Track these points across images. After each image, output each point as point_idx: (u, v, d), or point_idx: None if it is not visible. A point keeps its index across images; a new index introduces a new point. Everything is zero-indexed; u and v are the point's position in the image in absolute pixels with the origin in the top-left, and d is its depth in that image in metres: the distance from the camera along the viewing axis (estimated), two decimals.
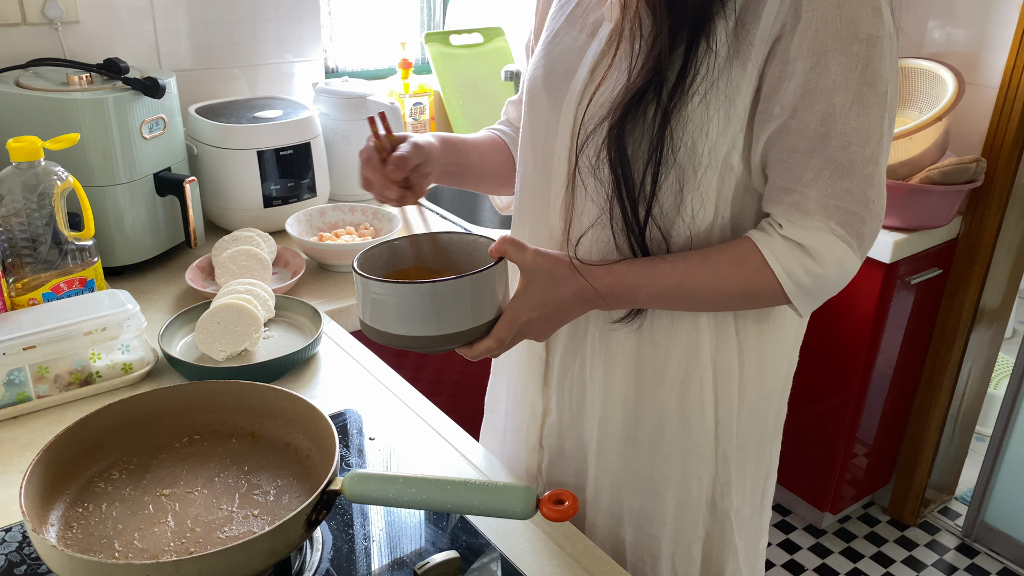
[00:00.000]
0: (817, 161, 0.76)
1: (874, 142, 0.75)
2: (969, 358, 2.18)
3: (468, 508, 0.73)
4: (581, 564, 0.82)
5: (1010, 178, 1.97)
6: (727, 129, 0.78)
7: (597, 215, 0.84)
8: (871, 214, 0.78)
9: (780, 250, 0.78)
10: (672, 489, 0.93)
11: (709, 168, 0.80)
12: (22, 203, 1.10)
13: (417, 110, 1.95)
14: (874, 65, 0.74)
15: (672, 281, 0.81)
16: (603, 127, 0.80)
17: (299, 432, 0.86)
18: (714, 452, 0.92)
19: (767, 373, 0.91)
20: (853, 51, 0.73)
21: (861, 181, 0.76)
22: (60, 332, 1.02)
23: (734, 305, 0.84)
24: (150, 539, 0.75)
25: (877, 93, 0.74)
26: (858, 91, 0.74)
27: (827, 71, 0.73)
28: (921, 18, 2.11)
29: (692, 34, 0.76)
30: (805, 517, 2.32)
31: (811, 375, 2.10)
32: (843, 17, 0.73)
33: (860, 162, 0.75)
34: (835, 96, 0.74)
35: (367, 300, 0.77)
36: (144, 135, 1.34)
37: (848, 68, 0.73)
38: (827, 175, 0.76)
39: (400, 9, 2.06)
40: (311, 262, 1.46)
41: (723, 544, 0.95)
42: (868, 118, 0.75)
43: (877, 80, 0.74)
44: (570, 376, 0.94)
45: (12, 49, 1.44)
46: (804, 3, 0.73)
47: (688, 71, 0.77)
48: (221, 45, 1.67)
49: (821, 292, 0.81)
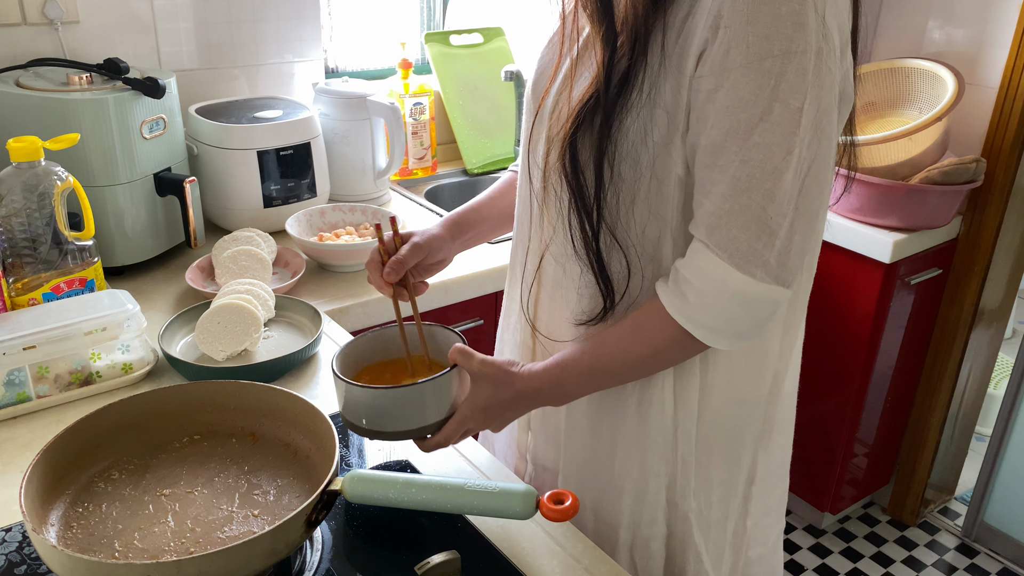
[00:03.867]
0: (716, 174, 0.75)
1: (778, 157, 0.73)
2: (969, 358, 2.18)
3: (468, 508, 0.73)
4: (581, 564, 0.82)
5: (1010, 178, 1.97)
6: (666, 142, 0.78)
7: (556, 223, 0.88)
8: (769, 231, 0.74)
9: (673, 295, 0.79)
10: (630, 483, 0.94)
11: (654, 179, 0.80)
12: (22, 203, 1.10)
13: (417, 110, 1.95)
14: (788, 81, 0.72)
15: (585, 366, 0.85)
16: (560, 137, 0.82)
17: (299, 432, 0.86)
18: (673, 452, 0.92)
19: (737, 381, 0.91)
20: (764, 67, 0.72)
21: (760, 196, 0.74)
22: (60, 332, 1.02)
23: (652, 367, 0.86)
24: (150, 539, 0.75)
25: (789, 109, 0.72)
26: (767, 107, 0.72)
27: (735, 88, 0.73)
28: (921, 18, 2.11)
29: (632, 45, 0.77)
30: (805, 517, 2.32)
31: (811, 375, 2.10)
32: (756, 34, 0.71)
33: (759, 176, 0.73)
34: (741, 113, 0.73)
35: (339, 393, 0.87)
36: (144, 135, 1.34)
37: (758, 85, 0.72)
38: (723, 189, 0.75)
39: (400, 9, 2.06)
40: (311, 262, 1.46)
41: (684, 544, 0.96)
42: (774, 134, 0.73)
43: (791, 96, 0.72)
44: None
45: (12, 49, 1.44)
46: (722, 21, 0.72)
47: (628, 82, 0.77)
48: (221, 45, 1.67)
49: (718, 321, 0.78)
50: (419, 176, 2.00)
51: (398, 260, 0.94)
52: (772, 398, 0.95)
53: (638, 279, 0.85)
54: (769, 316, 0.79)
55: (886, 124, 2.01)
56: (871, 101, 2.07)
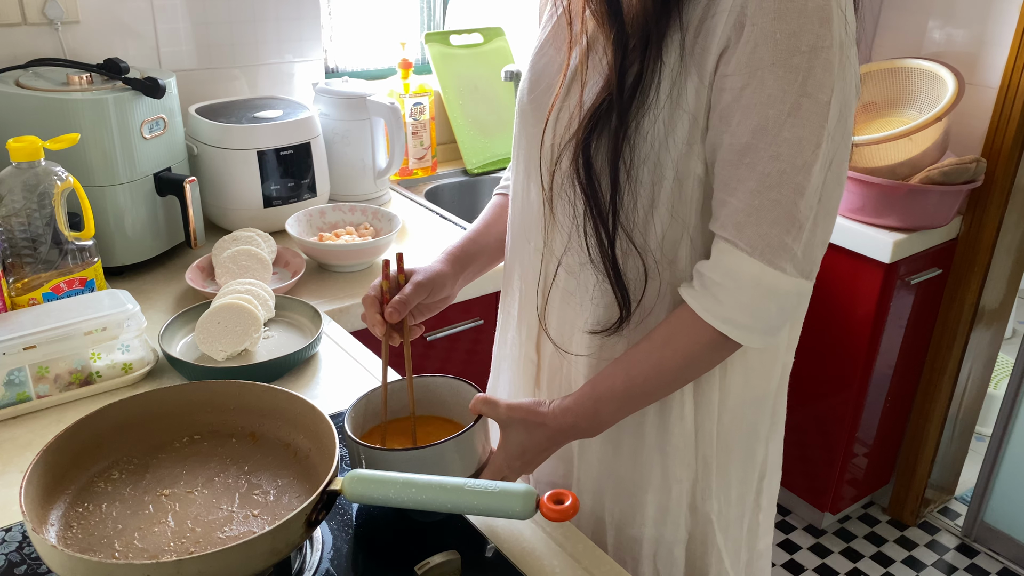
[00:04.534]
0: (744, 172, 0.75)
1: (808, 151, 0.73)
2: (969, 358, 2.18)
3: (468, 508, 0.73)
4: (581, 564, 0.82)
5: (1010, 178, 1.97)
6: (689, 142, 0.78)
7: (570, 231, 0.86)
8: (798, 225, 0.75)
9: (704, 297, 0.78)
10: (652, 493, 0.93)
11: (675, 181, 0.79)
12: (22, 203, 1.10)
13: (417, 110, 1.95)
14: (816, 76, 0.72)
15: (619, 390, 0.83)
16: (572, 143, 0.81)
17: (299, 432, 0.86)
18: (694, 456, 0.92)
19: (752, 379, 0.91)
20: (793, 64, 0.72)
21: (790, 191, 0.74)
22: (60, 332, 1.02)
23: (686, 378, 0.84)
24: (150, 539, 0.75)
25: (818, 104, 0.73)
26: (796, 103, 0.72)
27: (763, 86, 0.73)
28: (921, 18, 2.11)
29: (644, 47, 0.76)
30: (805, 517, 2.32)
31: (811, 375, 2.10)
32: (783, 31, 0.71)
33: (790, 171, 0.73)
34: (769, 110, 0.73)
35: (355, 457, 0.83)
36: (144, 135, 1.34)
37: (786, 81, 0.72)
38: (752, 185, 0.74)
39: (400, 9, 2.06)
40: (311, 262, 1.46)
41: (705, 546, 0.95)
42: (804, 128, 0.73)
43: (819, 91, 0.72)
44: (558, 379, 0.95)
45: (12, 49, 1.44)
46: (747, 18, 0.72)
47: (642, 84, 0.77)
48: (221, 45, 1.67)
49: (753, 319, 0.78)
50: (419, 176, 2.00)
51: (402, 301, 0.89)
52: (779, 391, 0.96)
53: (655, 284, 0.84)
54: (795, 310, 0.79)
55: (886, 124, 2.01)
56: (871, 101, 2.07)
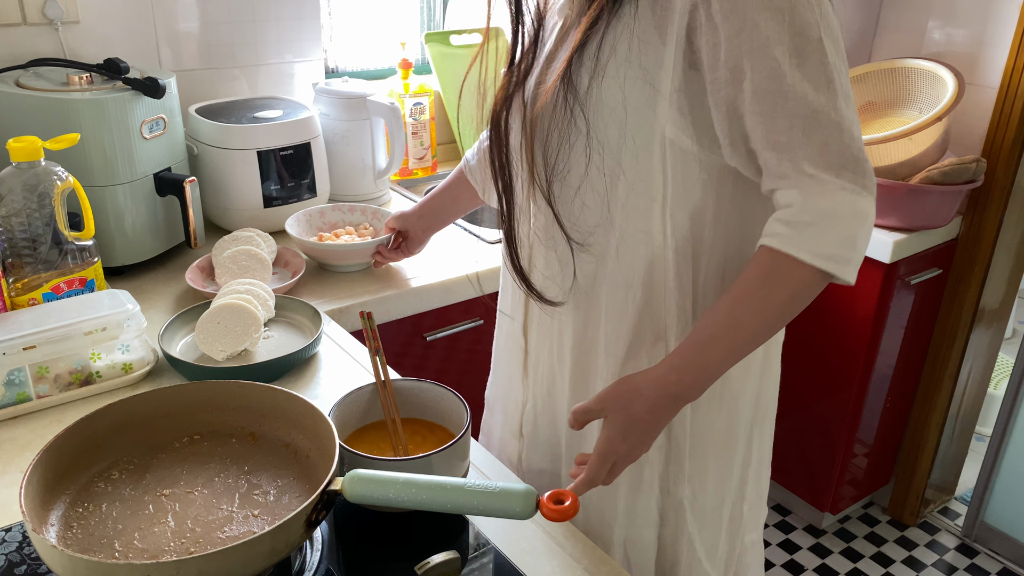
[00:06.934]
0: (784, 122, 0.75)
1: (824, 89, 0.74)
2: (969, 358, 2.18)
3: (468, 508, 0.73)
4: (581, 564, 0.82)
5: (1010, 178, 1.97)
6: (654, 107, 0.78)
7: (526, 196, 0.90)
8: (855, 153, 0.75)
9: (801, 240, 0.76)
10: (625, 475, 0.94)
11: (642, 149, 0.80)
12: (22, 203, 1.10)
13: (417, 110, 1.94)
14: (800, 15, 0.73)
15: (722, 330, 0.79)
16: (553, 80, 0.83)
17: (299, 432, 0.86)
18: (667, 439, 0.93)
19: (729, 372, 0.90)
20: (775, 5, 0.73)
21: (833, 129, 0.75)
22: (60, 332, 1.02)
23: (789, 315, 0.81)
24: (150, 539, 0.75)
25: (811, 41, 0.74)
26: (792, 43, 0.73)
27: (757, 28, 0.73)
28: (921, 18, 2.11)
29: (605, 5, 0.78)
30: (805, 517, 2.32)
31: (811, 375, 2.10)
32: None
33: (822, 111, 0.74)
34: (773, 50, 0.74)
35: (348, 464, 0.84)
36: (144, 135, 1.34)
37: (777, 21, 0.73)
38: (799, 132, 0.75)
39: (400, 9, 2.06)
40: (311, 262, 1.46)
41: (677, 532, 0.96)
42: (811, 67, 0.74)
43: (807, 28, 0.73)
44: (543, 363, 0.98)
45: (12, 49, 1.44)
46: None
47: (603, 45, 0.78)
48: (221, 45, 1.67)
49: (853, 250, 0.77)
50: (419, 176, 2.00)
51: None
52: (764, 377, 0.96)
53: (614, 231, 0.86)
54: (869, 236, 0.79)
55: (886, 124, 2.01)
56: (871, 101, 2.07)
